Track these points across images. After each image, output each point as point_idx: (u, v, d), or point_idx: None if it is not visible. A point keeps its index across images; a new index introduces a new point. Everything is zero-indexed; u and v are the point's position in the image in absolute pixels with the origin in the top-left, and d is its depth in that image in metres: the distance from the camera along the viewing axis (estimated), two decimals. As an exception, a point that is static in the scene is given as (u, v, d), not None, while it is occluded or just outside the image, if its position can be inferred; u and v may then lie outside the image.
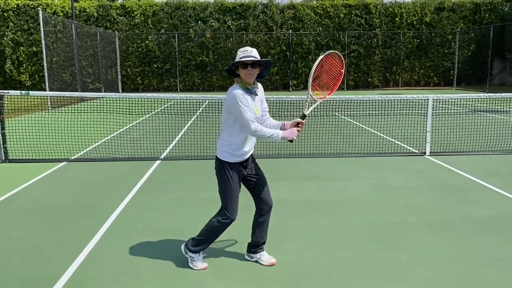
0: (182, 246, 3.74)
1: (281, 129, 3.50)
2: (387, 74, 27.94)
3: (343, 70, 3.70)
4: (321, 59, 3.55)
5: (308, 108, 3.53)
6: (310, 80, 3.51)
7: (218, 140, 3.58)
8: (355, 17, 27.10)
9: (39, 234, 4.44)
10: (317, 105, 3.64)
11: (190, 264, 3.65)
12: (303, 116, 3.47)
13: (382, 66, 27.75)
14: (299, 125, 3.44)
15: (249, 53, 3.31)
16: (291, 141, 3.43)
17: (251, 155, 3.63)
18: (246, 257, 3.84)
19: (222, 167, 3.50)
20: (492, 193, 5.72)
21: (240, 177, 3.55)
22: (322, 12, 27.03)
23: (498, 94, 8.35)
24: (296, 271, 3.61)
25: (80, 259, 3.83)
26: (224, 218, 3.53)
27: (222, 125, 3.54)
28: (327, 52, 3.59)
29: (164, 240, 4.25)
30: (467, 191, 5.81)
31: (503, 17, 28.10)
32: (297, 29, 26.97)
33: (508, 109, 15.10)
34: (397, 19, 27.29)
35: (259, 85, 3.56)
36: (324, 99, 3.66)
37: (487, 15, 28.02)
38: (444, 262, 3.76)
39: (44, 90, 19.97)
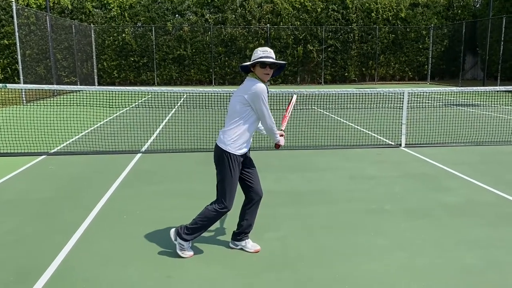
0: (172, 233, 3.77)
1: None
2: (363, 69, 28.40)
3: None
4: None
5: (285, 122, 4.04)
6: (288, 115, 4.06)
7: (223, 130, 3.60)
8: (332, 12, 27.41)
9: (24, 226, 4.45)
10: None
11: (178, 251, 3.71)
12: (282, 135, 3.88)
13: (359, 60, 28.19)
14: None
15: (269, 53, 3.48)
16: (279, 147, 3.82)
17: None
18: (231, 245, 3.95)
19: (225, 157, 3.52)
20: (463, 181, 6.00)
21: (240, 167, 3.61)
22: (299, 6, 27.23)
23: (469, 88, 8.69)
24: (280, 257, 3.75)
25: (67, 249, 3.88)
26: (221, 207, 3.58)
27: (231, 116, 3.55)
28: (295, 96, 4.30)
29: (149, 230, 4.32)
30: (439, 180, 6.08)
31: (474, 14, 28.92)
32: (275, 23, 27.10)
33: (477, 102, 15.63)
34: (373, 14, 27.73)
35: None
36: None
37: (459, 11, 28.78)
38: (420, 245, 3.97)
39: (18, 83, 19.54)
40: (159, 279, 3.38)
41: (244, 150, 3.59)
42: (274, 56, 3.53)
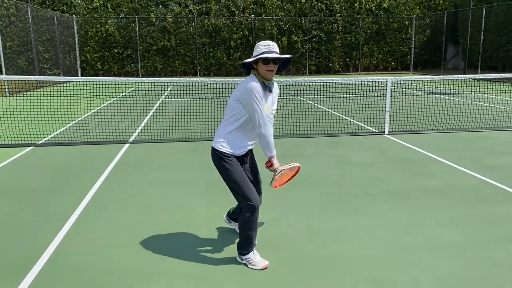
0: (237, 257, 3.53)
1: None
2: (347, 59, 28.62)
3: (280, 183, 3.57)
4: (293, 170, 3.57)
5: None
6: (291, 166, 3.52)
7: (217, 129, 3.42)
8: (316, 2, 27.49)
9: (16, 214, 4.50)
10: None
11: (251, 267, 3.41)
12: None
13: (343, 51, 28.39)
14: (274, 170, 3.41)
15: (272, 48, 3.18)
16: (270, 165, 3.39)
17: (251, 149, 3.52)
18: (225, 218, 4.03)
19: (221, 159, 3.32)
20: (444, 166, 6.22)
21: (239, 165, 3.38)
22: (283, -3, 27.24)
23: (448, 76, 8.92)
24: (271, 237, 3.89)
25: (61, 235, 3.95)
26: (248, 209, 3.29)
27: (226, 114, 3.36)
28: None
29: (141, 216, 4.43)
30: (421, 165, 6.29)
31: (456, 4, 29.31)
32: (259, 14, 27.08)
33: (455, 90, 15.97)
34: (356, 4, 27.90)
35: (276, 85, 3.44)
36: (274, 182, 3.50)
37: (441, 1, 29.15)
38: (402, 225, 4.16)
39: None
40: (152, 262, 3.49)
41: (238, 152, 3.34)
42: (277, 50, 3.21)
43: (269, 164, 3.39)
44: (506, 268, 3.34)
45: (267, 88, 3.26)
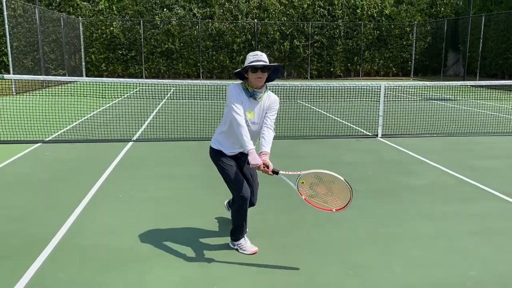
0: (230, 243, 3.89)
1: (260, 152, 3.53)
2: (349, 64, 29.00)
3: (333, 209, 3.62)
4: (346, 184, 3.56)
5: (284, 175, 3.60)
6: (312, 172, 3.64)
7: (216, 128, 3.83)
8: (318, 8, 27.91)
9: (28, 203, 4.88)
10: (288, 179, 3.60)
11: (242, 252, 3.76)
12: (274, 172, 3.54)
13: (344, 56, 28.77)
14: (265, 168, 3.49)
15: (259, 57, 3.46)
16: (248, 164, 3.51)
17: (243, 154, 3.72)
18: (225, 205, 4.35)
19: (215, 154, 3.72)
20: (429, 166, 6.58)
21: (231, 161, 3.69)
22: (286, 2, 27.65)
23: (442, 82, 9.26)
24: (261, 226, 4.26)
25: (70, 221, 4.33)
26: (239, 200, 3.61)
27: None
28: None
29: (143, 206, 4.80)
30: (409, 165, 6.65)
31: (457, 11, 29.69)
32: (262, 18, 27.51)
33: (451, 97, 16.30)
34: (358, 10, 28.31)
35: (273, 96, 3.65)
36: (302, 195, 3.64)
37: (442, 8, 29.53)
38: (385, 218, 4.52)
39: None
40: (153, 246, 3.86)
41: (226, 151, 3.67)
42: (266, 59, 3.48)
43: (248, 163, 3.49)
44: (472, 256, 3.70)
45: (250, 94, 3.51)
